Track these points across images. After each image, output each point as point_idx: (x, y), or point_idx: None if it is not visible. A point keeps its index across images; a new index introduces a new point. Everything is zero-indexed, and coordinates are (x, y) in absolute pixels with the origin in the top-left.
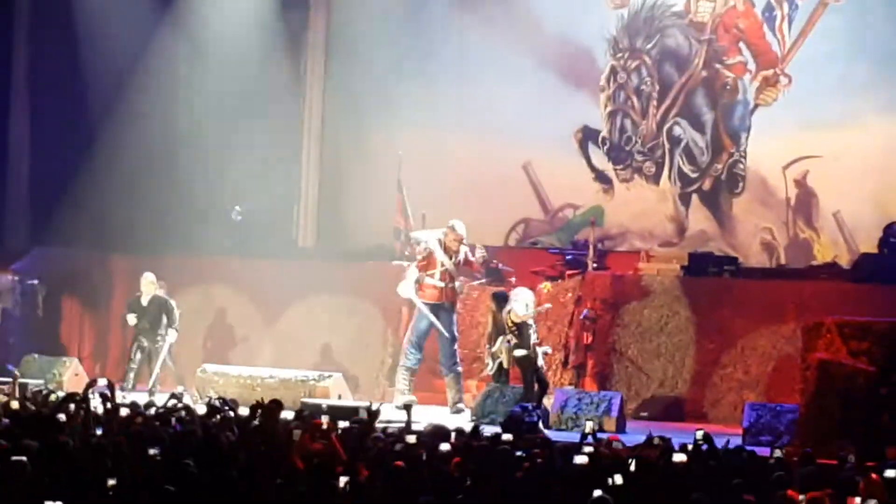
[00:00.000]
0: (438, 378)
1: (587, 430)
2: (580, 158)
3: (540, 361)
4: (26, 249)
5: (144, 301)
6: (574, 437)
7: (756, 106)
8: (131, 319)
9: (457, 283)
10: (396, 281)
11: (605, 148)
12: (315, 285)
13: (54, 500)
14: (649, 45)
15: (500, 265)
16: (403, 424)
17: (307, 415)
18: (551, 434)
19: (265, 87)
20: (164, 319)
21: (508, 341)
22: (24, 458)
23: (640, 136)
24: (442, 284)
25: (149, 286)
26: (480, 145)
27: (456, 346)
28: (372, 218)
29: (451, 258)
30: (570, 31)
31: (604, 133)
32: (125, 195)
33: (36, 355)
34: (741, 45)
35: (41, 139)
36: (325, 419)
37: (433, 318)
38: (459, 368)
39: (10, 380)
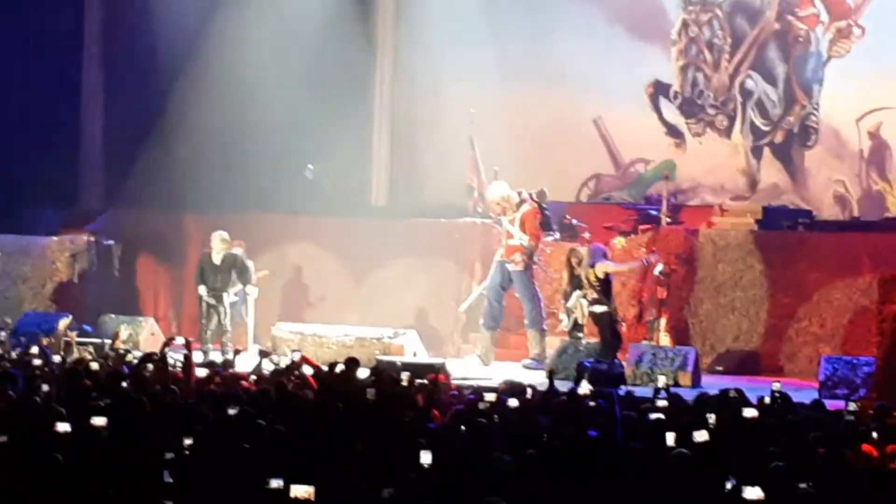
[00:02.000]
0: (511, 334)
1: (660, 384)
2: (651, 113)
3: (617, 317)
4: (101, 210)
5: (216, 259)
6: (648, 392)
7: (829, 58)
8: (202, 290)
9: (517, 242)
10: (469, 238)
11: (677, 102)
12: (388, 243)
13: (131, 460)
14: None
15: (574, 221)
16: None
17: (383, 371)
18: (625, 389)
19: (336, 45)
20: (234, 277)
21: (584, 296)
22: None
23: (711, 90)
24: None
25: (220, 244)
26: (551, 100)
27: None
28: (444, 175)
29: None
30: None
31: (675, 87)
32: (198, 155)
33: (113, 315)
34: None
35: (114, 101)
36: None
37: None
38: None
39: (91, 340)
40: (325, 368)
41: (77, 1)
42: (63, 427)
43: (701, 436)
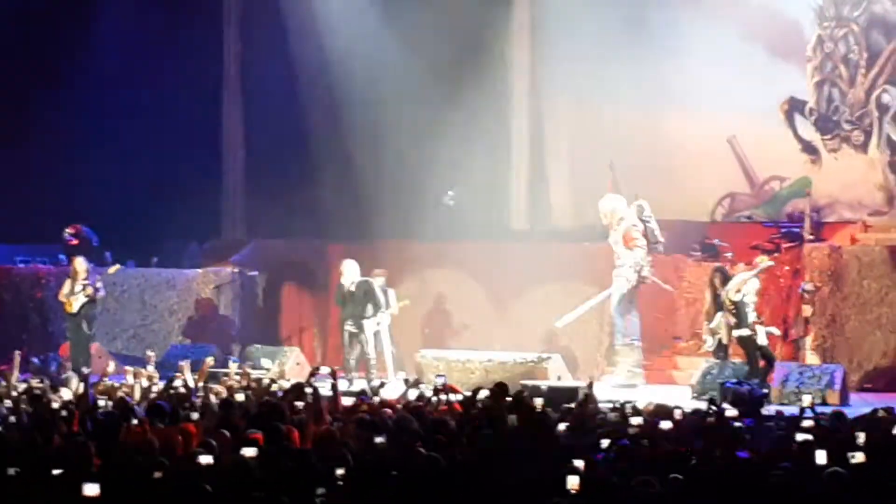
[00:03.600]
0: (660, 356)
1: (805, 403)
2: (786, 130)
3: (762, 340)
4: (244, 242)
5: (351, 288)
6: (796, 411)
7: None
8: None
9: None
10: (610, 260)
11: (813, 118)
12: (529, 267)
13: (282, 492)
14: (857, 13)
15: (716, 241)
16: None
17: (526, 396)
18: (773, 408)
19: (473, 69)
20: (370, 304)
21: (727, 317)
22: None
23: (847, 105)
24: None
25: (351, 273)
26: (685, 120)
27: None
28: (584, 197)
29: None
30: (776, 2)
31: (811, 103)
32: (338, 184)
33: (258, 345)
34: None
35: (254, 134)
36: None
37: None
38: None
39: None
40: (469, 394)
41: (215, 38)
42: (206, 459)
43: (857, 457)
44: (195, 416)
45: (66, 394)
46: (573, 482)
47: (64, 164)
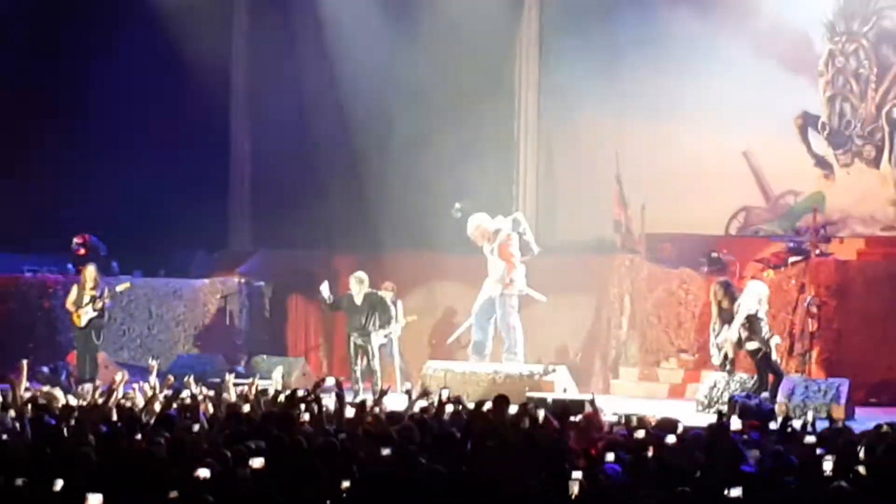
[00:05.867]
0: (661, 368)
1: (808, 418)
2: (800, 144)
3: (774, 354)
4: (251, 252)
5: (358, 300)
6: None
7: None
8: (325, 288)
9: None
10: (617, 273)
11: (825, 133)
12: (536, 279)
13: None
14: (866, 28)
15: (723, 254)
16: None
17: (532, 408)
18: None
19: (481, 83)
20: (377, 316)
21: (740, 333)
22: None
23: (859, 120)
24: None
25: (357, 285)
26: (699, 134)
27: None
28: (591, 210)
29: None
30: (786, 16)
31: (823, 118)
32: (345, 195)
33: (264, 356)
34: None
35: (261, 144)
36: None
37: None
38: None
39: (245, 381)
40: (472, 406)
41: (224, 51)
42: (203, 473)
43: (860, 470)
44: (196, 427)
45: (73, 402)
46: (576, 494)
47: (72, 174)
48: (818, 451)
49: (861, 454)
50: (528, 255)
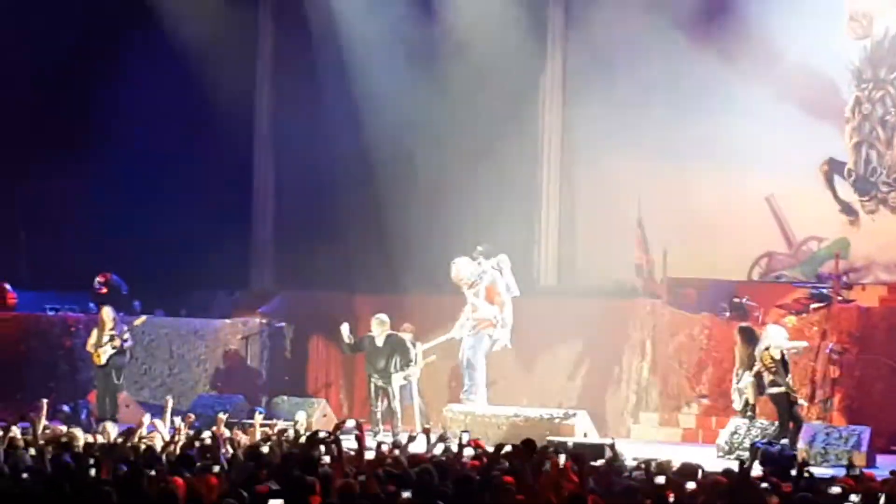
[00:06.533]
0: (682, 413)
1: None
2: (824, 190)
3: (800, 400)
4: (273, 293)
5: (379, 342)
6: (823, 472)
7: None
8: (345, 330)
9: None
10: (639, 317)
11: (851, 179)
12: (557, 323)
13: None
14: (893, 75)
15: (745, 300)
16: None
17: (551, 452)
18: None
19: (503, 126)
20: (398, 358)
21: (756, 377)
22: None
23: (885, 167)
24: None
25: (379, 327)
26: (722, 179)
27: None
28: (613, 254)
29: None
30: (811, 62)
31: (849, 165)
32: (367, 237)
33: (285, 397)
34: None
35: (284, 185)
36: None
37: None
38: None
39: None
40: (492, 450)
41: (248, 91)
42: None
43: None
44: (217, 468)
45: (93, 441)
46: None
47: (94, 212)
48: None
49: (882, 502)
50: (510, 297)
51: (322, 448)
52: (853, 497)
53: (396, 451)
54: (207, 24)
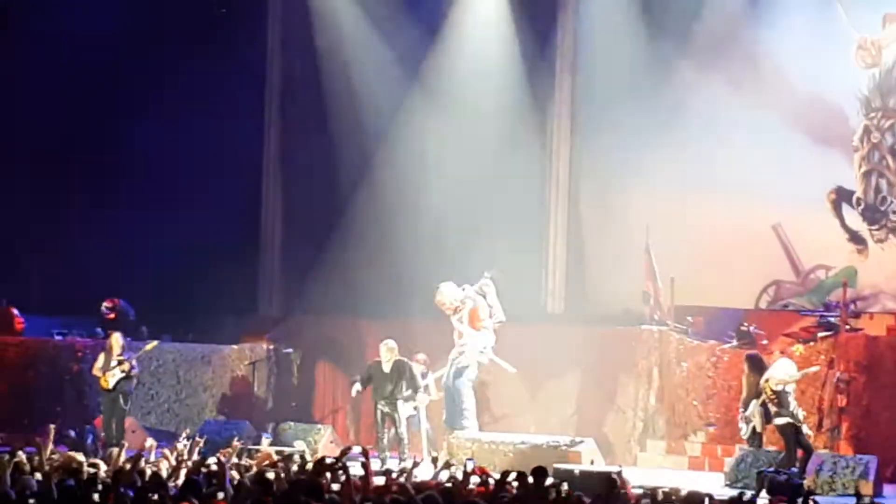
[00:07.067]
0: (689, 441)
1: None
2: (832, 219)
3: (805, 429)
4: (280, 318)
5: (386, 368)
6: (831, 501)
7: None
8: (355, 389)
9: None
10: (646, 345)
11: (860, 208)
12: (564, 350)
13: None
14: None
15: (752, 327)
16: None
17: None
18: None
19: (512, 153)
20: (403, 385)
21: (763, 405)
22: None
23: (894, 196)
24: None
25: (387, 353)
26: (729, 207)
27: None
28: (620, 282)
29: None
30: (819, 90)
31: (858, 193)
32: (375, 262)
33: (291, 423)
34: None
35: (292, 210)
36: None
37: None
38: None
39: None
40: (497, 477)
41: (257, 116)
42: None
43: None
44: (221, 495)
45: (102, 467)
46: None
47: (101, 238)
48: None
49: None
50: (497, 322)
51: (329, 475)
52: None
53: (402, 478)
54: (217, 53)
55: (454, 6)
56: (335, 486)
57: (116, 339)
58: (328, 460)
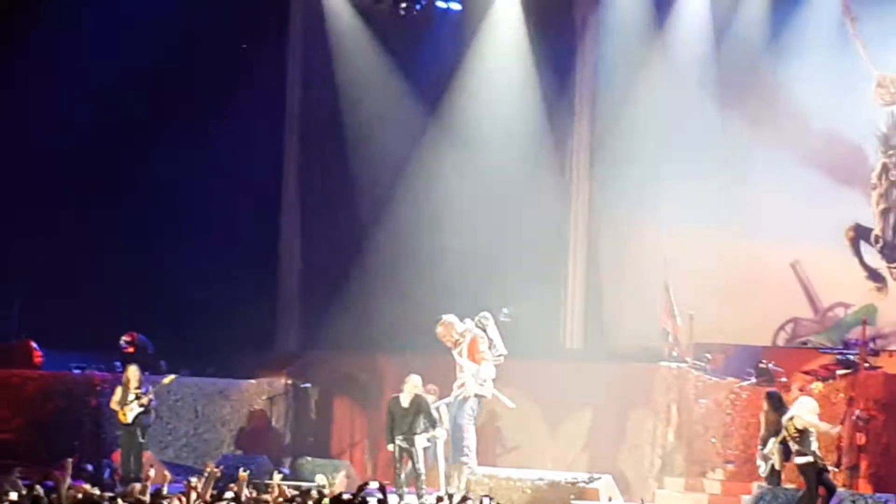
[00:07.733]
0: (707, 479)
1: None
2: (851, 256)
3: (829, 467)
4: (298, 353)
5: (405, 402)
6: None
7: None
8: (391, 448)
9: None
10: (664, 382)
11: (878, 246)
12: (582, 387)
13: None
14: None
15: (771, 364)
16: None
17: None
18: None
19: (531, 191)
20: (421, 420)
21: (783, 443)
22: None
23: None
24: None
25: (412, 388)
26: (747, 244)
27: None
28: (638, 319)
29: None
30: (837, 128)
31: (876, 231)
32: (393, 298)
33: (309, 458)
34: None
35: (310, 245)
36: None
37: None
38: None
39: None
40: None
41: (275, 151)
42: None
43: None
44: None
45: (119, 502)
46: None
47: (120, 272)
48: None
49: None
50: (498, 357)
51: None
52: None
53: None
54: (237, 88)
55: (473, 43)
56: None
57: (133, 373)
58: (345, 496)
